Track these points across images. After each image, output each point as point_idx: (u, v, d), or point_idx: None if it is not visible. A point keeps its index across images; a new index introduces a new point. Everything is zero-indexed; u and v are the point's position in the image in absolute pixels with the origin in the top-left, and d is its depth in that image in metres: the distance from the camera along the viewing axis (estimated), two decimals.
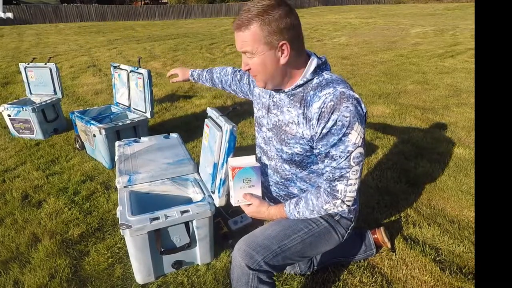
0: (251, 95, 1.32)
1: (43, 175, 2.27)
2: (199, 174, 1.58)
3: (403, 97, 3.86)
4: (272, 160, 1.15)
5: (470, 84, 4.35)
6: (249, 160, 1.13)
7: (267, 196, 1.26)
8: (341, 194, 0.98)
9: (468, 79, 4.59)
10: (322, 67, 1.01)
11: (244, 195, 1.12)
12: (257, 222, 1.70)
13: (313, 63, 1.00)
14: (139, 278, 1.39)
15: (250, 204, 1.14)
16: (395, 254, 1.51)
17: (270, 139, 1.13)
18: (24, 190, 2.10)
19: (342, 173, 0.95)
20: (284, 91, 1.03)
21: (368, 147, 2.59)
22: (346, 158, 0.93)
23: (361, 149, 0.94)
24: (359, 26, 12.59)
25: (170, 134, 1.96)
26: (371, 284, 1.37)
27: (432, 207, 1.86)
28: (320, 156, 0.99)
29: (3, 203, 1.97)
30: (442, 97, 3.85)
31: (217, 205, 1.35)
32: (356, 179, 0.97)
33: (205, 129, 1.41)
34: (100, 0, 22.87)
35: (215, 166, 1.31)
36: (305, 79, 0.99)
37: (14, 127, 2.84)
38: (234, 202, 1.14)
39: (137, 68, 2.48)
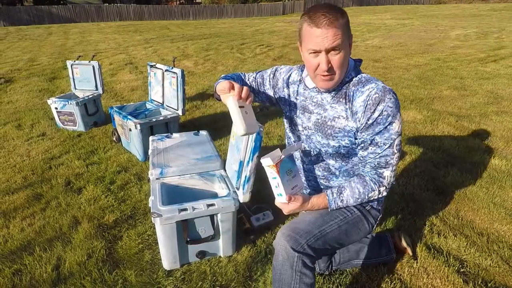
0: (277, 94, 1.23)
1: (84, 164, 2.47)
2: (225, 171, 1.66)
3: (437, 103, 3.71)
4: (313, 156, 1.19)
5: None
6: (276, 154, 1.02)
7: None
8: (387, 180, 1.05)
9: (511, 85, 4.32)
10: (358, 66, 1.09)
11: (293, 198, 1.03)
12: (278, 221, 1.75)
13: (351, 62, 1.07)
14: (165, 264, 1.49)
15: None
16: (416, 262, 1.50)
17: (310, 136, 1.16)
18: (67, 177, 2.31)
19: (387, 160, 1.03)
20: (327, 89, 1.07)
21: None
22: (390, 145, 1.01)
23: (400, 138, 1.02)
24: (394, 27, 12.16)
25: (200, 131, 2.06)
26: None
27: (460, 217, 1.80)
28: (364, 144, 1.05)
29: (49, 187, 2.18)
30: (480, 104, 3.66)
31: (241, 201, 1.42)
32: (396, 164, 1.05)
33: (233, 128, 1.48)
34: (138, 0, 23.95)
35: (241, 163, 1.38)
36: (350, 76, 1.06)
37: (60, 119, 3.11)
38: (287, 198, 1.02)
39: (172, 68, 2.61)
